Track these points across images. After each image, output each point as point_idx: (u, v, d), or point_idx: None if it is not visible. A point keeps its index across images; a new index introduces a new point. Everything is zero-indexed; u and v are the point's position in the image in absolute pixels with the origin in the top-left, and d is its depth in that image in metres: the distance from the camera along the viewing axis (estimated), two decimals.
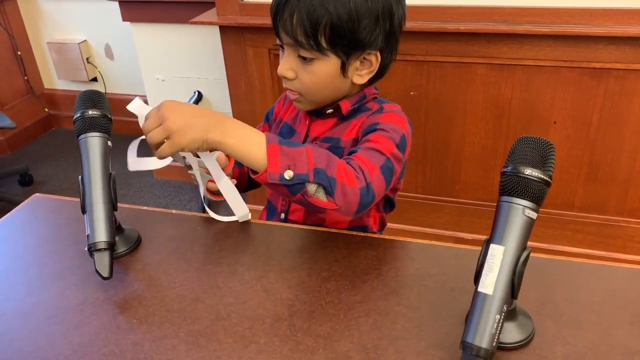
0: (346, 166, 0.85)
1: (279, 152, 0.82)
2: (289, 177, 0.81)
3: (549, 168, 0.67)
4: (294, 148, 0.83)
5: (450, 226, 2.08)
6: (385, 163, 0.90)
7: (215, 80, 2.52)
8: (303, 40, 0.91)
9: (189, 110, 0.83)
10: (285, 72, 0.96)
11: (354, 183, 0.84)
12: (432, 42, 1.76)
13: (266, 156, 0.82)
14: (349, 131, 1.02)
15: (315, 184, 0.82)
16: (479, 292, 0.66)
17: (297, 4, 0.90)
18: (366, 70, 0.98)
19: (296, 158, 0.82)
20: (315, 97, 1.00)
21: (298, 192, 0.83)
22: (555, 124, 1.79)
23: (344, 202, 0.83)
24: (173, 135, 0.80)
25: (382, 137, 0.94)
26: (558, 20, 1.63)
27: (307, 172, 0.82)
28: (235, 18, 1.92)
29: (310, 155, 0.83)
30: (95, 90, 0.92)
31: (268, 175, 0.82)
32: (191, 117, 0.82)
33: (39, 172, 2.95)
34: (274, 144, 0.83)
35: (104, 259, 0.82)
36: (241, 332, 0.76)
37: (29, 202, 1.11)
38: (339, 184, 0.83)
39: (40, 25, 3.19)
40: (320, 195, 0.83)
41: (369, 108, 1.03)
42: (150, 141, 0.82)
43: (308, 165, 0.82)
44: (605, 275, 0.84)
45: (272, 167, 0.81)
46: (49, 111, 3.39)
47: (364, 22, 0.91)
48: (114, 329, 0.78)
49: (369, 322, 0.76)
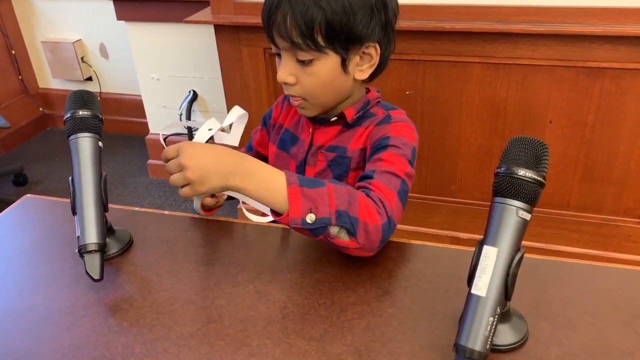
0: (367, 202, 0.83)
1: (300, 195, 0.80)
2: (311, 221, 0.79)
3: (543, 169, 0.66)
4: (315, 189, 0.81)
5: (446, 226, 2.08)
6: (401, 187, 0.89)
7: (210, 80, 2.52)
8: (300, 41, 0.89)
9: (207, 157, 0.81)
10: (285, 78, 0.94)
11: (376, 221, 0.82)
12: (428, 42, 1.76)
13: (287, 200, 0.80)
14: (355, 140, 1.00)
15: (338, 226, 0.80)
16: (472, 295, 0.65)
17: (289, 6, 0.89)
18: (367, 65, 0.97)
19: (318, 200, 0.80)
20: (319, 99, 0.97)
21: (320, 234, 0.81)
22: (550, 123, 1.79)
23: (367, 241, 0.82)
24: (193, 184, 0.80)
25: (395, 156, 0.92)
26: (553, 20, 1.63)
27: (329, 216, 0.80)
28: (230, 17, 1.91)
29: (332, 197, 0.81)
30: (86, 90, 0.91)
31: (290, 220, 0.80)
32: (210, 166, 0.80)
33: (34, 172, 2.93)
34: (295, 186, 0.80)
35: (95, 260, 0.81)
36: (233, 334, 0.75)
37: (21, 202, 1.10)
38: (361, 223, 0.81)
39: (34, 24, 3.18)
40: (343, 235, 0.81)
41: (373, 114, 1.01)
42: (173, 183, 0.82)
43: (330, 207, 0.80)
44: (600, 275, 0.83)
45: (294, 212, 0.79)
46: (43, 111, 3.38)
47: (359, 15, 0.90)
48: (105, 331, 0.77)
49: (362, 324, 0.76)
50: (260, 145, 1.19)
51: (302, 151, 1.05)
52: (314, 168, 1.03)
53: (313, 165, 1.04)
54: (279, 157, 1.10)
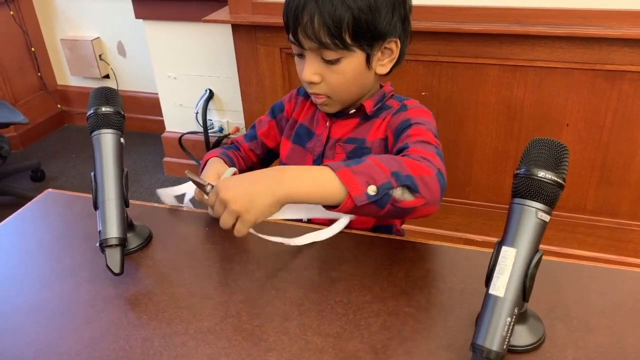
0: (412, 160, 0.83)
1: (352, 174, 0.79)
2: (373, 193, 0.79)
3: (563, 170, 0.66)
4: (361, 165, 0.81)
5: (460, 228, 2.07)
6: (437, 150, 0.90)
7: (226, 79, 2.53)
8: (328, 41, 0.91)
9: (242, 183, 0.81)
10: (310, 77, 0.96)
11: (428, 172, 0.82)
12: (445, 43, 1.76)
13: (342, 184, 0.79)
14: (374, 131, 1.02)
15: (400, 187, 0.80)
16: (490, 295, 0.65)
17: (316, 7, 0.90)
18: (388, 59, 0.99)
19: (370, 172, 0.80)
20: (345, 96, 0.99)
21: (387, 203, 0.80)
22: (567, 126, 1.78)
23: (429, 193, 0.81)
24: (242, 215, 0.78)
25: (422, 130, 0.94)
26: (572, 22, 1.62)
27: (388, 180, 0.79)
28: (248, 17, 1.92)
29: (380, 165, 0.81)
30: (109, 87, 0.92)
31: (355, 200, 0.78)
32: (248, 189, 0.79)
33: (51, 168, 2.97)
34: (342, 169, 0.80)
35: (116, 255, 0.82)
36: (250, 329, 0.76)
37: (42, 197, 1.12)
38: (417, 178, 0.81)
39: (54, 22, 3.22)
40: (407, 196, 0.81)
41: (389, 106, 1.03)
42: (224, 226, 0.80)
43: (384, 173, 0.80)
44: (617, 278, 0.83)
45: (355, 191, 0.78)
46: (61, 107, 3.42)
47: (383, 12, 0.92)
48: (125, 324, 0.78)
49: (379, 322, 0.76)
50: (267, 136, 1.18)
51: (319, 145, 1.06)
52: (333, 161, 1.04)
53: (331, 158, 1.05)
54: (294, 152, 1.11)
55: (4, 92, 3.08)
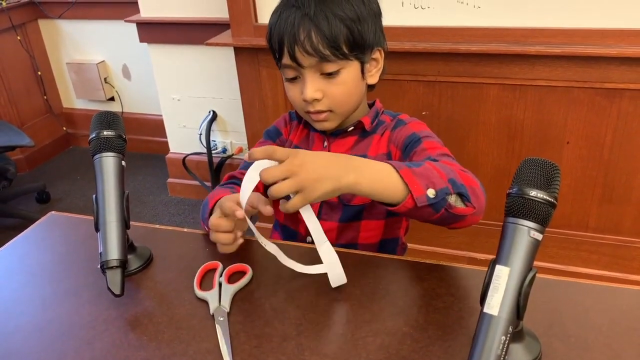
0: (461, 171, 0.87)
1: (413, 175, 0.80)
2: (432, 196, 0.80)
3: (554, 190, 0.67)
4: (420, 167, 0.83)
5: (463, 246, 2.07)
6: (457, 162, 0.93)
7: (229, 100, 2.56)
8: (328, 53, 0.94)
9: (321, 161, 0.79)
10: (313, 94, 0.97)
11: (475, 184, 0.86)
12: (444, 63, 1.77)
13: (404, 183, 0.79)
14: (374, 146, 1.05)
15: (455, 194, 0.82)
16: (485, 313, 0.66)
17: (311, 23, 0.93)
18: (375, 69, 1.04)
19: (430, 176, 0.81)
20: (347, 107, 1.02)
21: (442, 208, 0.82)
22: (568, 144, 1.78)
23: (478, 203, 0.85)
24: (305, 189, 0.76)
25: (433, 142, 0.99)
26: (570, 41, 1.64)
27: (446, 186, 0.82)
28: (250, 39, 1.95)
29: (437, 169, 0.83)
30: (110, 112, 0.94)
31: (416, 200, 0.79)
32: (325, 169, 0.78)
33: (56, 189, 2.99)
34: (405, 169, 0.81)
35: (116, 276, 0.83)
36: (249, 350, 0.77)
37: (45, 219, 1.14)
38: (469, 188, 0.84)
39: (60, 46, 3.27)
40: (459, 203, 0.83)
41: (383, 121, 1.08)
42: (276, 194, 0.76)
43: (442, 179, 0.82)
44: (614, 296, 0.83)
45: (417, 191, 0.79)
46: (67, 130, 3.46)
47: (369, 22, 0.97)
48: (125, 346, 0.79)
49: (377, 342, 0.77)
50: None
51: None
52: None
53: None
54: None
55: (11, 115, 3.12)
